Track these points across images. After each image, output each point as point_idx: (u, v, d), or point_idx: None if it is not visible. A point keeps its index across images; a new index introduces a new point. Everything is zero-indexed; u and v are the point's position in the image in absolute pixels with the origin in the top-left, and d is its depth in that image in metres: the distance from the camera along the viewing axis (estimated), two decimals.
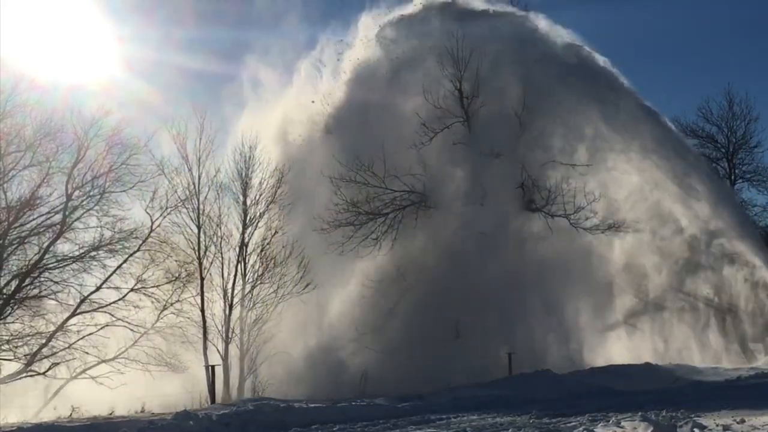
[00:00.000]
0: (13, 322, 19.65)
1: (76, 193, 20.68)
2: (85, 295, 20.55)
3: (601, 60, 29.31)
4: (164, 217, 21.45)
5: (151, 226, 21.29)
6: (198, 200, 21.55)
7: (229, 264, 21.34)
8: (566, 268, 26.54)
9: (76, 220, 20.62)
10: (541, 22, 29.42)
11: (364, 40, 29.51)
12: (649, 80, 67.83)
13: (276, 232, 22.08)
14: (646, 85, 66.89)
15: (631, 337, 28.35)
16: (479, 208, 26.10)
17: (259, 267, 21.59)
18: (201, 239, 21.39)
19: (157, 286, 21.23)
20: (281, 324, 21.79)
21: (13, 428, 15.46)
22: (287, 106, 28.87)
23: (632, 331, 28.51)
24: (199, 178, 21.64)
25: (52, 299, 20.16)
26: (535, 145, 27.17)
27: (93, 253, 20.60)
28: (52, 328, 19.94)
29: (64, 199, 20.50)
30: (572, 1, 61.28)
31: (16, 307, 19.72)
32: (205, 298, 21.08)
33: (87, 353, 20.08)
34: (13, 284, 19.83)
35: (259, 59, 29.13)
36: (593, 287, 27.59)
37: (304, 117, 28.31)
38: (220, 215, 21.66)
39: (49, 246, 20.20)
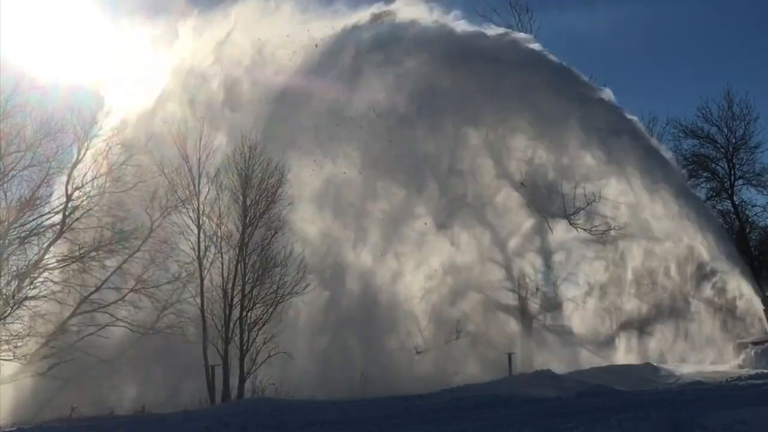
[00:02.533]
0: (12, 323, 19.63)
1: (76, 193, 20.68)
2: (85, 295, 20.53)
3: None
4: (164, 217, 21.44)
5: (151, 226, 21.27)
6: (198, 200, 21.53)
7: (229, 264, 21.32)
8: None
9: (76, 221, 20.59)
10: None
11: None
12: (649, 80, 67.88)
13: (276, 232, 22.05)
14: (647, 85, 66.89)
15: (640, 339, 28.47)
16: None
17: (259, 267, 21.57)
18: (201, 239, 21.37)
19: (157, 286, 21.21)
20: (282, 324, 21.75)
21: (13, 428, 15.48)
22: None
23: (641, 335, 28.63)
24: (199, 178, 21.64)
25: (52, 299, 20.13)
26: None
27: (93, 253, 20.58)
28: (52, 328, 19.93)
29: (64, 199, 20.49)
30: (573, 1, 61.38)
31: (16, 307, 19.71)
32: (205, 298, 21.05)
33: (87, 353, 20.07)
34: (14, 284, 19.82)
35: None
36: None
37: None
38: (220, 215, 21.63)
39: (49, 246, 20.19)
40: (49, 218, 20.38)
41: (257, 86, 26.17)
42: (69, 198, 20.52)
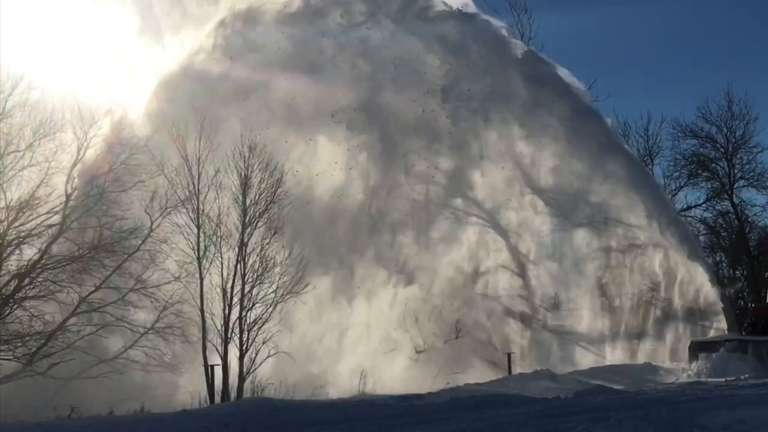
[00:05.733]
0: (12, 322, 19.63)
1: (76, 193, 20.68)
2: (85, 295, 20.54)
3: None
4: (164, 217, 21.43)
5: (151, 226, 21.28)
6: (198, 200, 21.52)
7: (228, 264, 21.31)
8: None
9: (75, 220, 20.60)
10: None
11: None
12: (649, 80, 67.91)
13: (275, 232, 22.06)
14: (647, 85, 66.93)
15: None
16: None
17: (259, 267, 21.57)
18: (200, 239, 21.37)
19: (157, 286, 21.21)
20: (281, 323, 21.76)
21: (13, 428, 15.47)
22: None
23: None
24: (199, 178, 21.62)
25: (52, 299, 20.13)
26: None
27: (92, 253, 20.58)
28: (51, 328, 19.93)
29: (64, 199, 20.49)
30: (572, 0, 61.44)
31: (15, 307, 19.70)
32: (205, 298, 21.05)
33: (86, 353, 20.09)
34: (13, 284, 19.82)
35: None
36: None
37: None
38: (219, 215, 21.63)
39: (48, 246, 20.18)
40: (49, 218, 20.37)
41: None
42: (69, 198, 20.52)
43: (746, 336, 25.35)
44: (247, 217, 21.76)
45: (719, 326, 26.60)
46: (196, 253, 21.27)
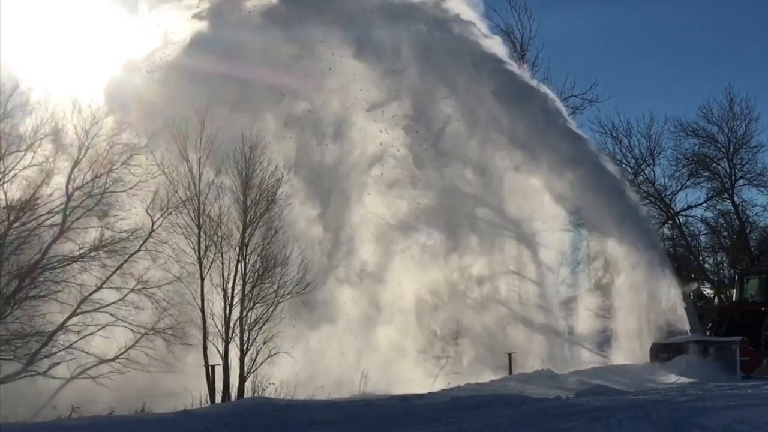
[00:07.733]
0: (12, 322, 19.63)
1: (77, 193, 20.69)
2: (86, 295, 20.55)
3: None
4: (164, 217, 21.44)
5: (152, 227, 21.29)
6: (198, 200, 21.53)
7: (229, 264, 21.32)
8: None
9: (76, 220, 20.61)
10: None
11: None
12: (649, 80, 67.94)
13: (276, 232, 22.07)
14: (647, 85, 66.92)
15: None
16: None
17: (259, 267, 21.58)
18: (201, 239, 21.37)
19: (158, 287, 21.22)
20: (282, 323, 21.76)
21: (13, 428, 15.49)
22: None
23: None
24: (200, 178, 21.63)
25: (52, 299, 20.14)
26: None
27: (93, 254, 20.60)
28: (51, 328, 19.95)
29: (65, 199, 20.50)
30: (573, 0, 61.46)
31: (15, 307, 19.71)
32: (205, 298, 21.06)
33: (87, 353, 20.10)
34: (13, 284, 19.82)
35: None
36: None
37: None
38: (220, 215, 21.64)
39: (49, 246, 20.18)
40: (50, 218, 20.38)
41: None
42: (69, 198, 20.54)
43: (710, 337, 24.71)
44: (248, 217, 21.79)
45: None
46: (197, 253, 21.29)
